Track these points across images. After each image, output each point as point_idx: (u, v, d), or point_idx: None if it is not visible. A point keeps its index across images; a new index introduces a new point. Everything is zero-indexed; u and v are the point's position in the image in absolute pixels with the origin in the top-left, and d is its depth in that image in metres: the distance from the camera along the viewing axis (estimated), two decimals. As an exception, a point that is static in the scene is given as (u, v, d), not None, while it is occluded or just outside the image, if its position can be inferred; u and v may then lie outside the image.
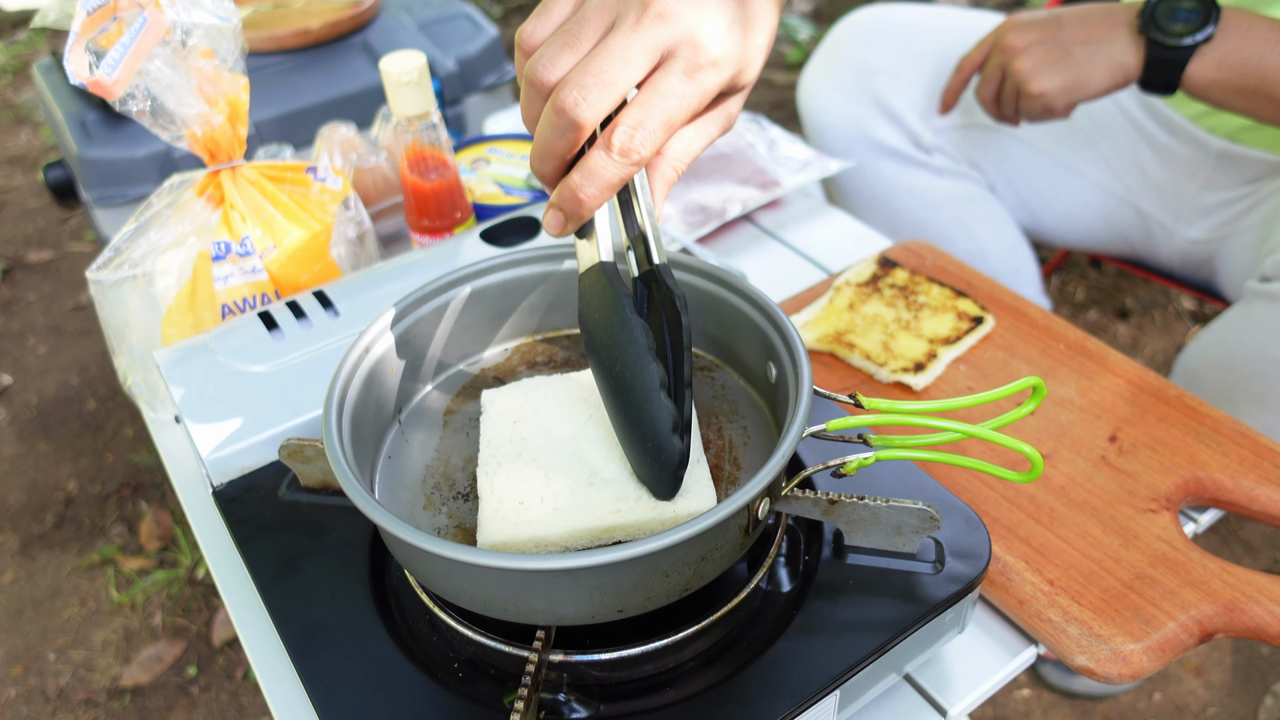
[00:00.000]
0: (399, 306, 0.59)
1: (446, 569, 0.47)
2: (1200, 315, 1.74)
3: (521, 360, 0.65)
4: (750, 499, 0.45)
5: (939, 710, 0.59)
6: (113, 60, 0.66)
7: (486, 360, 0.65)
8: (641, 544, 0.43)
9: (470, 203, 0.87)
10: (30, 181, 2.37)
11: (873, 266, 0.87)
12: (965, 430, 0.51)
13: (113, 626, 1.38)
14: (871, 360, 0.78)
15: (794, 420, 0.48)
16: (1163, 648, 0.59)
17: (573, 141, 0.48)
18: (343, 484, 0.48)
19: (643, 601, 0.47)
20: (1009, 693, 1.23)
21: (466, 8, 1.24)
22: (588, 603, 0.46)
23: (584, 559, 0.43)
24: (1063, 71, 0.92)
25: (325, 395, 0.53)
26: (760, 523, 0.50)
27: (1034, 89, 0.93)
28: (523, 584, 0.45)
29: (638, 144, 0.47)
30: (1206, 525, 0.71)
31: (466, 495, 0.56)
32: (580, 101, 0.46)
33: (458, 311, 0.62)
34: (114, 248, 0.76)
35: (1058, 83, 0.92)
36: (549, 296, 0.65)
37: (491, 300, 0.63)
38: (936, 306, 0.83)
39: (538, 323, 0.66)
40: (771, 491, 0.50)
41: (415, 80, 0.77)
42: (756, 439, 0.58)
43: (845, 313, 0.83)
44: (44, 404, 1.74)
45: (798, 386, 0.51)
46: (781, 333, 0.55)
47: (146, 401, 0.81)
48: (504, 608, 0.47)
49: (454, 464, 0.58)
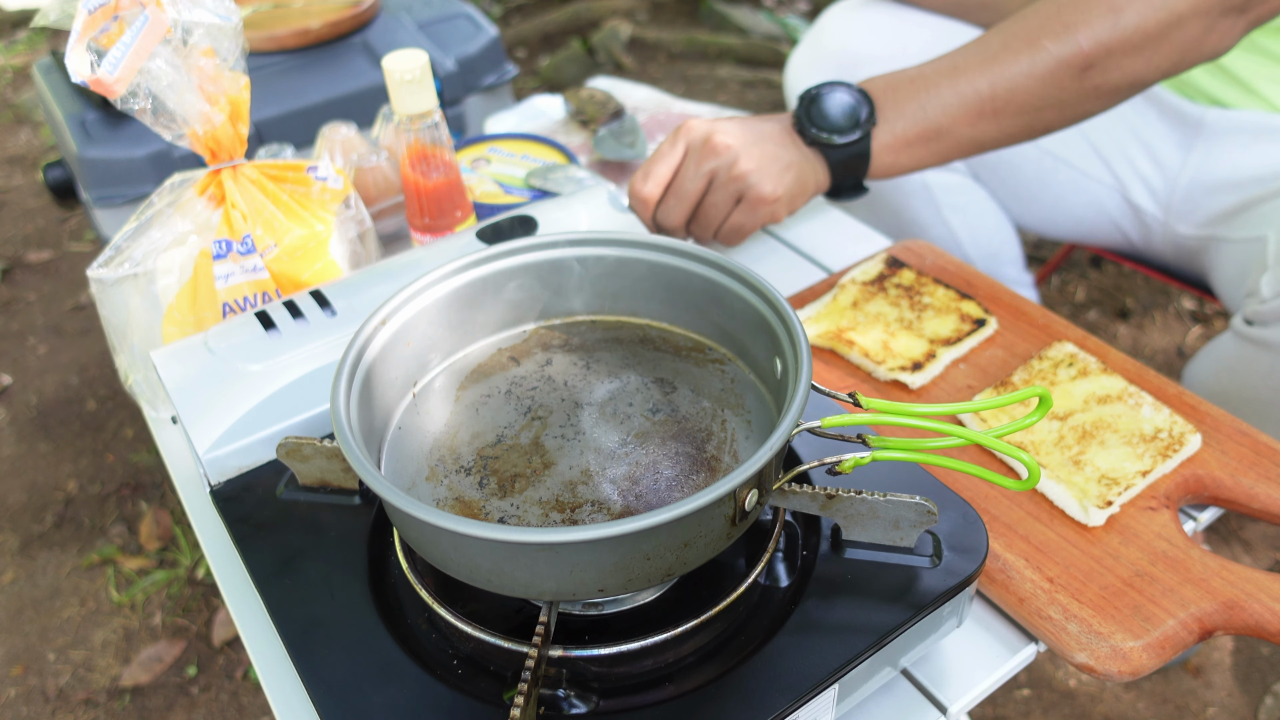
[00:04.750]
0: (418, 284, 0.60)
1: (435, 536, 0.48)
2: (1200, 315, 1.74)
3: (538, 343, 0.66)
4: (733, 487, 0.45)
5: (939, 708, 0.59)
6: (114, 59, 0.67)
7: (503, 341, 0.66)
8: (620, 524, 0.43)
9: (471, 202, 0.87)
10: (30, 181, 2.37)
11: (880, 266, 0.87)
12: (965, 436, 0.50)
13: (113, 626, 1.38)
14: (870, 358, 0.78)
15: (786, 413, 0.49)
16: (1162, 645, 0.59)
17: None
18: (345, 452, 0.49)
19: (623, 583, 0.47)
20: (1009, 692, 1.23)
21: (466, 8, 1.24)
22: (568, 579, 0.47)
23: (562, 534, 0.44)
24: (784, 175, 0.84)
25: (337, 363, 0.55)
26: (749, 514, 0.50)
27: (768, 192, 0.84)
28: (504, 556, 0.46)
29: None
30: (1206, 523, 0.71)
31: (469, 469, 0.57)
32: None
33: (478, 291, 0.63)
34: (115, 246, 0.76)
35: (785, 187, 0.85)
36: (570, 281, 0.65)
37: (513, 283, 0.64)
38: (940, 308, 0.83)
39: (557, 307, 0.66)
40: (761, 483, 0.50)
41: (418, 78, 0.77)
42: (759, 433, 0.58)
43: (849, 310, 0.83)
44: (44, 404, 1.74)
45: (796, 381, 0.51)
46: (787, 326, 0.55)
47: (147, 400, 0.81)
48: (488, 579, 0.48)
49: (461, 439, 0.59)
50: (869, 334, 0.81)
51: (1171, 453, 0.69)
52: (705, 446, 0.57)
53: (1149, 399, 0.73)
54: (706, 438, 0.58)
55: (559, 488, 0.55)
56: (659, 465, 0.56)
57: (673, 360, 0.63)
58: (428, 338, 0.62)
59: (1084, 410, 0.72)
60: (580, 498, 0.54)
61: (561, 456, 0.57)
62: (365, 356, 0.57)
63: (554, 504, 0.54)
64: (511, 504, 0.54)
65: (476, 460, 0.57)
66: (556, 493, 0.55)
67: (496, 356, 0.65)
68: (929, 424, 0.51)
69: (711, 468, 0.56)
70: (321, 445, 0.60)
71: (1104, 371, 0.75)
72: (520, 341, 0.66)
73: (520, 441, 0.58)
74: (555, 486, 0.55)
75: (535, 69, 2.64)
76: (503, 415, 0.60)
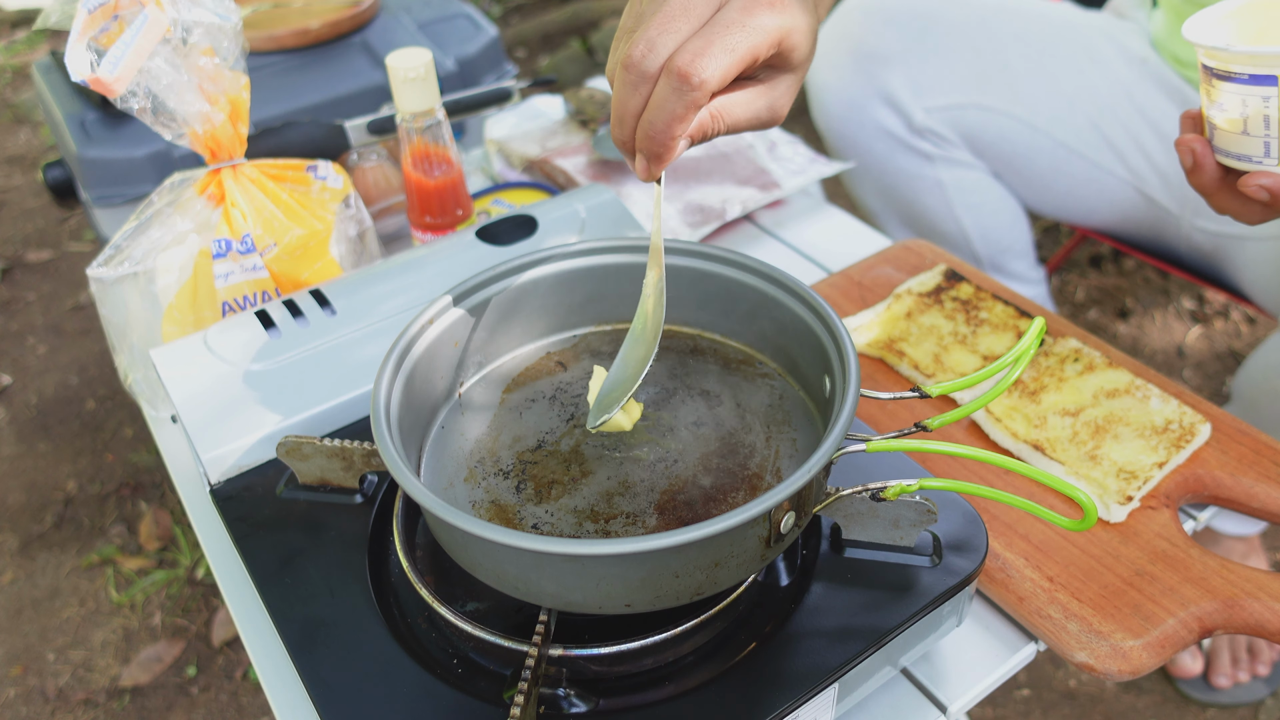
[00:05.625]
0: (461, 287, 0.60)
1: (464, 541, 0.48)
2: (1200, 315, 1.74)
3: (586, 349, 0.65)
4: (768, 508, 0.44)
5: (939, 707, 0.59)
6: (114, 58, 0.67)
7: (551, 345, 0.66)
8: (647, 540, 0.43)
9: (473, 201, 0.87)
10: (30, 181, 2.37)
11: (938, 278, 0.86)
12: (1022, 470, 0.48)
13: (112, 626, 1.38)
14: (920, 370, 0.77)
15: (829, 435, 0.48)
16: (1162, 644, 0.59)
17: (645, 95, 0.49)
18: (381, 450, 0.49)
19: (651, 599, 0.47)
20: (1009, 692, 1.23)
21: (466, 8, 1.24)
22: (595, 591, 0.46)
23: (587, 546, 0.43)
24: None
25: (381, 360, 0.55)
26: (785, 536, 0.49)
27: None
28: (531, 564, 0.46)
29: (698, 68, 0.48)
30: (1206, 522, 0.71)
31: (508, 473, 0.57)
32: (646, 53, 0.48)
33: (527, 294, 0.63)
34: (115, 245, 0.76)
35: None
36: (621, 286, 0.65)
37: (565, 286, 0.64)
38: (997, 324, 0.81)
39: (607, 313, 0.66)
40: (799, 505, 0.49)
41: (421, 76, 0.77)
42: (804, 453, 0.57)
43: (902, 320, 0.82)
44: (43, 404, 1.74)
45: (842, 401, 0.50)
46: (837, 344, 0.54)
47: (147, 400, 0.81)
48: (514, 585, 0.48)
49: (502, 441, 0.59)
50: (921, 346, 0.79)
51: (1184, 443, 0.69)
52: (747, 464, 0.56)
53: (1156, 391, 0.73)
54: (749, 454, 0.57)
55: (595, 498, 0.55)
56: (698, 480, 0.56)
57: (721, 372, 0.63)
58: (475, 339, 0.62)
59: (1094, 405, 0.72)
60: (616, 509, 0.54)
61: (600, 466, 0.57)
62: (411, 354, 0.57)
63: (589, 514, 0.54)
64: (546, 511, 0.54)
65: (515, 464, 0.57)
66: (592, 503, 0.54)
67: (544, 361, 0.65)
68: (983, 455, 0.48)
69: (752, 485, 0.55)
70: (321, 444, 0.60)
71: (1109, 365, 0.75)
72: (569, 347, 0.66)
73: (560, 448, 0.58)
74: (591, 496, 0.55)
75: (535, 69, 2.64)
76: (545, 420, 0.60)
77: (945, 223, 1.20)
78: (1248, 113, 0.55)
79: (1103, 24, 1.13)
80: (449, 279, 0.70)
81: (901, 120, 1.15)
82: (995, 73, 1.11)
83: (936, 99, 1.13)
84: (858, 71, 1.15)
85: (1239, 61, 0.54)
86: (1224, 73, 0.55)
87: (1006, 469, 0.48)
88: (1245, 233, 1.04)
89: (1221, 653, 1.22)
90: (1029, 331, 0.51)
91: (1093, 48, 1.10)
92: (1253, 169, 0.57)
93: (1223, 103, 0.56)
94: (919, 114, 1.14)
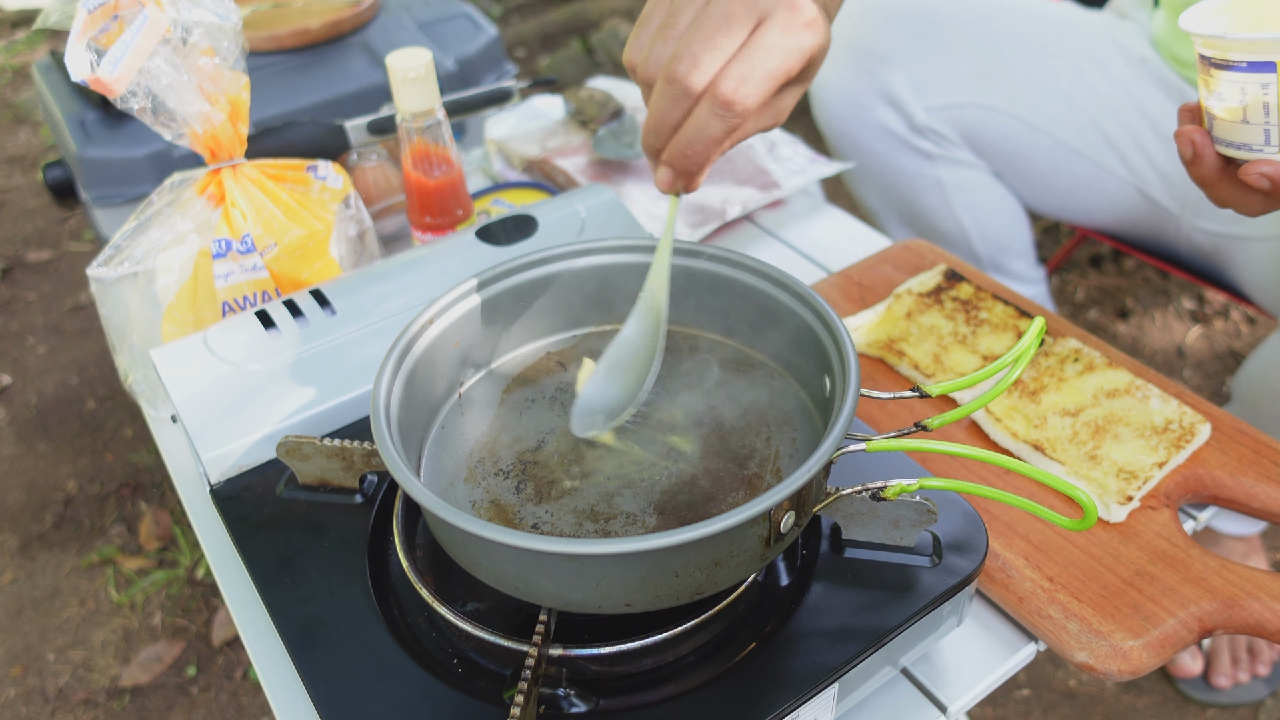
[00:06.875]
0: (467, 284, 0.60)
1: (464, 540, 0.48)
2: (1200, 315, 1.74)
3: (587, 349, 0.65)
4: (767, 508, 0.44)
5: (939, 706, 0.59)
6: (114, 58, 0.67)
7: (552, 345, 0.66)
8: (646, 539, 0.43)
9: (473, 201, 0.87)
10: (30, 181, 2.37)
11: (937, 277, 0.86)
12: (1023, 469, 0.48)
13: (112, 626, 1.38)
14: (920, 370, 0.77)
15: (829, 435, 0.48)
16: (1162, 644, 0.59)
17: (685, 110, 0.50)
18: (381, 449, 0.49)
19: (651, 599, 0.47)
20: (1009, 692, 1.23)
21: (466, 8, 1.24)
22: (594, 591, 0.46)
23: (585, 546, 0.43)
24: None
25: (381, 359, 0.55)
26: (785, 536, 0.49)
27: None
28: (531, 564, 0.46)
29: (741, 95, 0.48)
30: (1206, 522, 0.71)
31: (507, 473, 0.57)
32: (691, 69, 0.48)
33: (527, 295, 0.63)
34: (115, 245, 0.76)
35: None
36: (622, 286, 0.65)
37: (565, 287, 0.64)
38: (997, 324, 0.81)
39: (608, 313, 0.66)
40: (799, 504, 0.49)
41: (421, 76, 0.77)
42: (804, 453, 0.57)
43: (902, 320, 0.82)
44: (43, 404, 1.74)
45: (842, 401, 0.50)
46: (838, 344, 0.54)
47: (147, 399, 0.81)
48: (515, 585, 0.48)
49: (502, 441, 0.59)
50: (921, 346, 0.79)
51: (1184, 443, 0.69)
52: (747, 464, 0.56)
53: (1155, 391, 0.73)
54: (749, 454, 0.57)
55: (595, 497, 0.55)
56: (698, 480, 0.56)
57: (721, 372, 0.63)
58: (476, 339, 0.62)
59: (1094, 405, 0.72)
60: (615, 509, 0.54)
61: (601, 465, 0.57)
62: (411, 354, 0.57)
63: (589, 514, 0.54)
64: (546, 511, 0.54)
65: (515, 464, 0.57)
66: (592, 502, 0.55)
67: (544, 361, 0.65)
68: (987, 456, 0.48)
69: (752, 485, 0.55)
70: (321, 444, 0.60)
71: (1109, 365, 0.75)
72: (569, 346, 0.66)
73: (561, 448, 0.58)
74: (592, 496, 0.55)
75: (535, 69, 2.63)
76: (546, 420, 0.60)
77: (945, 222, 1.20)
78: (1247, 101, 0.55)
79: (1104, 24, 1.13)
80: (449, 279, 0.70)
81: (902, 119, 1.14)
82: (996, 72, 1.11)
83: (937, 98, 1.13)
84: (859, 71, 1.15)
85: (1237, 49, 0.54)
86: (1222, 61, 0.55)
87: (1006, 469, 0.48)
88: (1245, 233, 1.04)
89: (1221, 653, 1.22)
90: (1029, 331, 0.51)
91: (1094, 48, 1.10)
92: (1253, 157, 0.57)
93: (1221, 92, 0.57)
94: (920, 113, 1.14)
